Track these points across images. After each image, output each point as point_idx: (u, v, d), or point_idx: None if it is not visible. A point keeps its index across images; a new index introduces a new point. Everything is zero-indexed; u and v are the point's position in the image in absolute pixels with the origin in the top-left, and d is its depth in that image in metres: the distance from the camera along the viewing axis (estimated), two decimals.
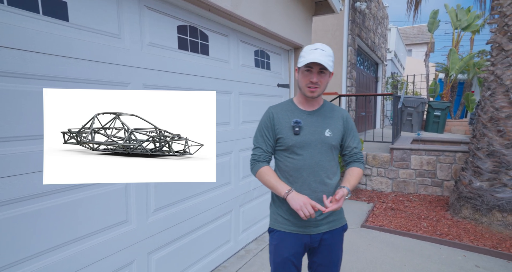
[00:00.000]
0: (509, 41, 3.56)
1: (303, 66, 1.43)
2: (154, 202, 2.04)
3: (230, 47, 2.77)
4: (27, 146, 1.39)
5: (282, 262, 1.52)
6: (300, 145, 1.48)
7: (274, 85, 3.56)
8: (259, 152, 1.54)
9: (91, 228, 1.66)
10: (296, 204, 1.36)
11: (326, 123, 1.53)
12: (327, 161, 1.51)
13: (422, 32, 28.18)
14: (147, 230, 1.99)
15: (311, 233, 1.51)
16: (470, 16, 13.59)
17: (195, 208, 2.40)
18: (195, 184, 2.39)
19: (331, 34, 6.63)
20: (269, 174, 1.48)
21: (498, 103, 3.57)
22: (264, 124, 1.55)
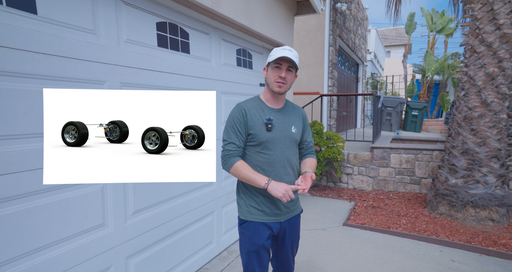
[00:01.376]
0: (480, 43, 3.69)
1: (272, 63, 1.55)
2: (132, 204, 1.98)
3: (211, 46, 2.73)
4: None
5: (257, 249, 1.61)
6: (272, 141, 1.58)
7: (256, 85, 3.53)
8: (232, 147, 1.56)
9: (64, 233, 1.57)
10: (278, 192, 1.45)
11: (291, 121, 1.67)
12: (293, 154, 1.67)
13: (400, 34, 28.99)
14: (125, 234, 1.92)
15: (281, 220, 1.65)
16: (444, 20, 14.09)
17: (176, 209, 2.35)
18: (175, 185, 2.34)
19: (312, 34, 6.69)
20: (245, 168, 1.53)
21: (471, 103, 3.70)
22: (237, 120, 1.58)
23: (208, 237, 2.77)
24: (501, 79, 3.58)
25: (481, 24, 3.67)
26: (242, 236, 1.66)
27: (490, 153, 3.60)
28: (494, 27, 3.61)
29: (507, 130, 3.66)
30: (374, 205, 4.35)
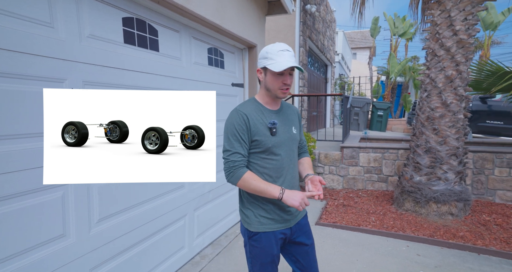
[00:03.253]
0: (440, 47, 3.90)
1: (273, 71, 1.41)
2: (98, 211, 1.85)
3: (182, 44, 2.64)
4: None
5: (271, 261, 1.54)
6: (278, 145, 1.49)
7: (228, 85, 3.48)
8: (237, 158, 1.43)
9: (19, 247, 1.43)
10: (295, 202, 1.36)
11: (290, 121, 1.59)
12: (295, 156, 1.61)
13: (365, 37, 30.18)
14: (90, 243, 1.79)
15: (291, 226, 1.58)
16: (406, 24, 14.86)
17: (145, 215, 2.23)
18: (145, 189, 2.22)
19: (283, 34, 6.74)
20: (255, 179, 1.43)
21: (433, 104, 3.90)
22: (239, 128, 1.44)
23: (179, 242, 2.68)
24: (458, 81, 3.80)
25: (441, 29, 3.88)
26: (253, 248, 1.54)
27: (450, 151, 3.82)
28: (452, 33, 3.82)
29: (463, 129, 3.89)
30: (345, 204, 4.46)
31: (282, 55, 1.41)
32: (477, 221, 3.80)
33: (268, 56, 1.44)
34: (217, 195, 3.29)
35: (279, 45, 1.45)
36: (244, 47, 3.81)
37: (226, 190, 3.47)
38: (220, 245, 3.15)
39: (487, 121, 7.91)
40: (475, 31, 3.82)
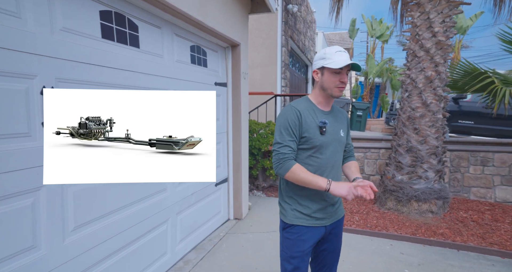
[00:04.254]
0: (420, 48, 3.98)
1: (332, 68, 1.49)
2: (73, 219, 1.71)
3: (164, 41, 2.52)
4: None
5: (301, 255, 1.58)
6: (325, 145, 1.55)
7: (211, 84, 3.38)
8: (287, 150, 1.51)
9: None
10: (343, 190, 1.41)
11: (340, 124, 1.64)
12: (341, 158, 1.65)
13: (343, 39, 30.76)
14: (64, 254, 1.66)
15: (326, 224, 1.61)
16: (383, 27, 15.25)
17: (125, 221, 2.11)
18: (124, 194, 2.10)
19: (265, 34, 6.69)
20: (303, 170, 1.49)
21: (414, 104, 3.98)
22: (292, 122, 1.52)
23: (162, 247, 2.56)
24: (437, 82, 3.89)
25: (420, 30, 3.96)
26: (286, 240, 1.62)
27: (430, 150, 3.90)
28: (431, 34, 3.91)
29: (442, 129, 4.00)
30: None
31: (340, 55, 1.49)
32: (455, 218, 3.91)
33: (326, 56, 1.51)
34: (200, 198, 3.18)
35: (337, 47, 1.54)
36: (227, 45, 3.72)
37: (209, 192, 3.38)
38: (204, 249, 3.05)
39: (459, 121, 8.21)
40: (452, 33, 3.92)
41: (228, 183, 3.87)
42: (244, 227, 3.70)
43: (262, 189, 5.21)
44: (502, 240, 3.37)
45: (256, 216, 4.04)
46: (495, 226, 3.71)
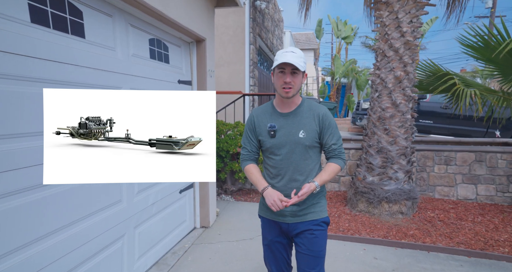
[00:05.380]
0: (389, 48, 3.96)
1: (276, 68, 1.53)
2: (0, 243, 1.37)
3: (116, 31, 2.20)
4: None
5: (268, 243, 1.78)
6: (276, 146, 1.62)
7: (174, 82, 3.09)
8: (244, 152, 1.75)
9: None
10: (268, 201, 1.55)
11: (300, 124, 1.61)
12: (301, 160, 1.62)
13: (310, 39, 31.35)
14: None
15: (288, 222, 1.68)
16: (348, 28, 15.61)
17: (69, 242, 1.78)
18: (69, 208, 1.77)
19: (232, 31, 6.45)
20: (252, 172, 1.68)
21: (384, 104, 3.95)
22: (248, 127, 1.72)
23: (116, 267, 2.24)
24: (406, 82, 3.89)
25: (389, 30, 3.93)
26: (262, 229, 1.84)
27: (399, 151, 3.90)
28: (399, 34, 3.90)
29: (411, 129, 4.01)
30: None
31: (285, 55, 1.49)
32: (423, 218, 3.94)
33: (275, 58, 1.55)
34: (162, 207, 2.89)
35: (288, 47, 1.56)
36: (191, 40, 3.44)
37: (173, 200, 3.09)
38: (167, 265, 2.76)
39: (420, 120, 8.53)
40: (419, 34, 3.94)
41: (194, 188, 3.60)
42: (211, 236, 3.45)
43: (231, 193, 4.98)
44: (467, 239, 3.43)
45: (224, 223, 3.80)
46: (460, 225, 3.78)
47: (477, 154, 4.73)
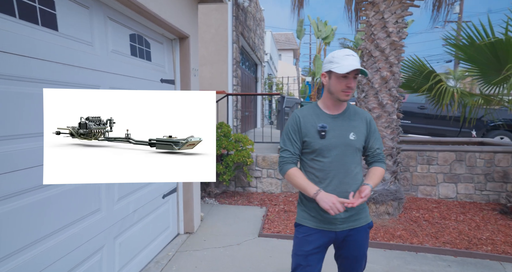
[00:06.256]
0: (375, 48, 3.95)
1: (338, 73, 1.49)
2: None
3: (93, 24, 2.01)
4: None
5: (303, 255, 1.64)
6: (326, 148, 1.57)
7: (157, 81, 2.91)
8: (286, 154, 1.63)
9: None
10: (325, 204, 1.45)
11: (350, 127, 1.60)
12: (351, 163, 1.59)
13: (289, 39, 31.55)
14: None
15: (336, 230, 1.61)
16: (328, 29, 15.78)
17: (41, 258, 1.58)
18: (41, 220, 1.58)
19: (215, 29, 6.28)
20: (297, 175, 1.58)
21: (370, 104, 3.94)
22: (291, 128, 1.63)
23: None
24: (392, 83, 3.89)
25: (375, 30, 3.92)
26: (295, 237, 1.70)
27: (386, 151, 3.89)
28: (385, 34, 3.90)
29: (397, 130, 4.02)
30: (286, 209, 4.25)
31: (347, 59, 1.49)
32: (409, 218, 3.96)
33: (333, 60, 1.51)
34: (144, 214, 2.71)
35: (345, 50, 1.53)
36: (174, 37, 3.26)
37: (156, 206, 2.91)
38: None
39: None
40: (405, 34, 3.95)
41: (177, 193, 3.43)
42: (196, 242, 3.29)
43: (215, 196, 4.82)
44: (452, 238, 3.46)
45: (209, 228, 3.65)
46: (444, 224, 3.82)
47: (457, 153, 4.84)
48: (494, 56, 3.81)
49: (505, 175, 4.74)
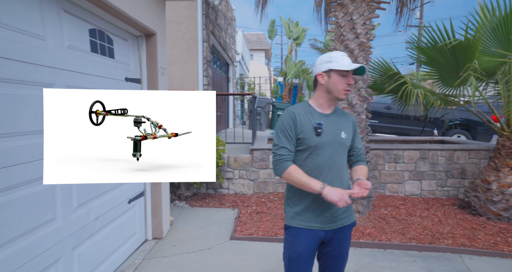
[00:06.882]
0: (345, 49, 4.01)
1: (338, 71, 1.55)
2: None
3: (45, 17, 1.83)
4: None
5: (297, 257, 1.63)
6: (321, 146, 1.58)
7: (121, 79, 2.75)
8: (284, 152, 1.59)
9: None
10: (334, 197, 1.44)
11: (341, 126, 1.64)
12: (342, 160, 1.64)
13: (261, 40, 31.67)
14: None
15: (326, 229, 1.63)
16: (299, 30, 15.99)
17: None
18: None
19: (184, 27, 6.11)
20: (298, 172, 1.55)
21: (340, 104, 3.95)
22: (287, 125, 1.60)
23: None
24: (361, 83, 3.97)
25: (345, 31, 3.98)
26: (285, 241, 1.70)
27: None
28: (354, 36, 3.97)
29: (366, 129, 4.11)
30: (258, 210, 4.20)
31: (345, 58, 1.57)
32: (378, 216, 4.06)
33: (332, 59, 1.56)
34: (108, 221, 2.54)
35: (339, 51, 1.63)
36: (140, 34, 3.11)
37: (119, 212, 2.74)
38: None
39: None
40: (372, 36, 4.05)
41: (145, 197, 3.27)
42: (165, 248, 3.16)
43: (186, 198, 4.68)
44: (417, 233, 3.59)
45: (179, 233, 3.52)
46: (410, 220, 3.96)
47: (421, 151, 5.04)
48: (453, 57, 4.00)
49: (463, 171, 5.01)
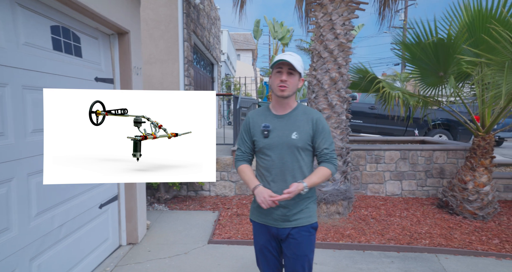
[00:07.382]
0: (324, 49, 3.98)
1: (274, 68, 1.61)
2: None
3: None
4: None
5: (260, 249, 1.80)
6: (268, 147, 1.65)
7: (90, 79, 2.63)
8: (238, 153, 1.78)
9: None
10: (258, 198, 1.57)
11: (294, 126, 1.66)
12: (292, 161, 1.65)
13: (248, 40, 31.62)
14: None
15: (278, 226, 1.69)
16: (284, 30, 16.01)
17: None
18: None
19: (164, 26, 5.98)
20: (244, 171, 1.71)
21: (321, 105, 3.96)
22: (244, 128, 1.76)
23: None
24: (341, 83, 3.95)
25: (324, 31, 3.95)
26: (253, 234, 1.84)
27: (336, 152, 3.92)
28: (334, 36, 3.95)
29: (346, 130, 4.10)
30: (239, 213, 4.13)
31: (283, 55, 1.58)
32: (358, 217, 4.05)
33: (274, 59, 1.62)
34: (76, 228, 2.42)
35: (289, 52, 1.64)
36: (112, 32, 2.99)
37: (89, 218, 2.63)
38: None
39: (351, 120, 9.06)
40: (352, 37, 4.04)
41: (118, 201, 3.15)
42: (140, 254, 3.05)
43: (165, 201, 4.56)
44: (396, 234, 3.59)
45: (156, 237, 3.42)
46: (390, 221, 3.96)
47: (402, 152, 5.08)
48: (435, 56, 4.03)
49: (442, 171, 5.07)
